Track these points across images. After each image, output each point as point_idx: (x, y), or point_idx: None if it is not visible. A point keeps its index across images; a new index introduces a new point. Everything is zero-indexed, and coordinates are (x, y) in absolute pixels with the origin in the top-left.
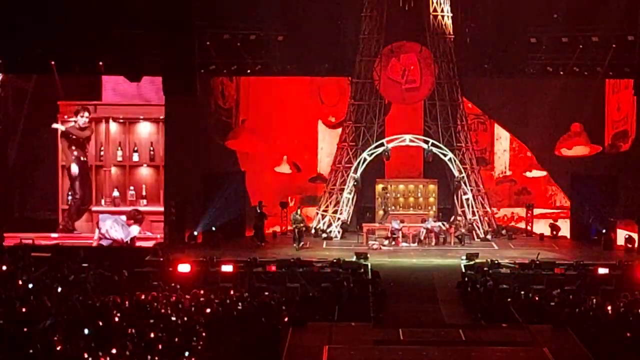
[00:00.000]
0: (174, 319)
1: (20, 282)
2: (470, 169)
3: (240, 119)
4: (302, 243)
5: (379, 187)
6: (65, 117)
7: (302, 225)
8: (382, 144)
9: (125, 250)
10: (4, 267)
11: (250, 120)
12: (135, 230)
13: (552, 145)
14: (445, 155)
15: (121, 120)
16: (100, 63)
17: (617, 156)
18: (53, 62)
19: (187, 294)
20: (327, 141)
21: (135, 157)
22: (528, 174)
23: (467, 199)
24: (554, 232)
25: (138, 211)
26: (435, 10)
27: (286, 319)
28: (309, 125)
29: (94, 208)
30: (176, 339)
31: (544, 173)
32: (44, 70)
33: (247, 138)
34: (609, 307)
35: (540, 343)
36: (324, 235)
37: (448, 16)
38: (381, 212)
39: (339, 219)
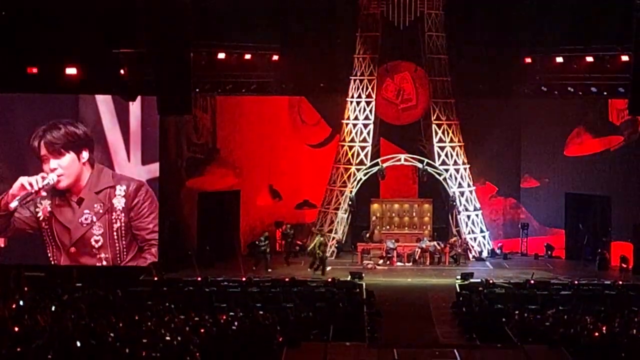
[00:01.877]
0: (168, 338)
1: (13, 302)
2: (465, 188)
3: (219, 152)
4: (327, 269)
5: (373, 206)
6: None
7: (324, 250)
8: (377, 164)
9: (119, 270)
10: None
11: (226, 149)
12: None
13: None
14: (440, 174)
15: None
16: (96, 82)
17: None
18: None
19: (180, 313)
20: (312, 164)
21: None
22: (523, 185)
23: (462, 219)
24: (549, 252)
25: None
26: (430, 30)
27: (280, 339)
28: (291, 148)
29: None
30: (169, 359)
31: (538, 184)
32: (38, 90)
33: (216, 173)
34: (604, 328)
35: None
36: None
37: (443, 36)
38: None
39: (333, 238)
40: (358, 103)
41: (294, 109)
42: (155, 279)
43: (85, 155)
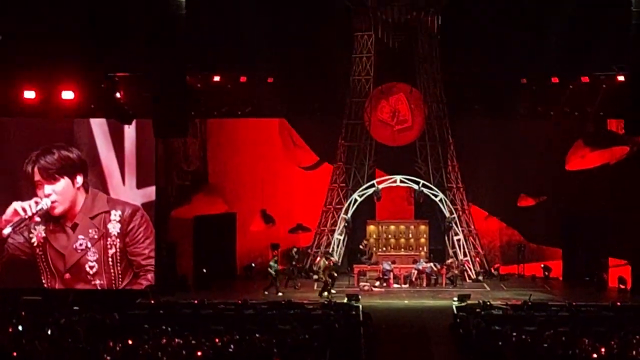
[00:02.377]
0: None
1: (11, 325)
2: (461, 210)
3: (209, 178)
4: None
5: (369, 227)
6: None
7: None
8: (372, 185)
9: (116, 293)
10: None
11: (217, 175)
12: None
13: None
14: (436, 196)
15: None
16: (92, 106)
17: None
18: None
19: (177, 336)
20: (304, 187)
21: None
22: (520, 204)
23: (458, 240)
24: (546, 273)
25: None
26: (424, 51)
27: None
28: (283, 171)
29: None
30: None
31: (534, 202)
32: (34, 114)
33: (206, 200)
34: (602, 349)
35: None
36: (315, 276)
37: (438, 57)
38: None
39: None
40: (354, 124)
41: (286, 132)
42: (152, 302)
43: (79, 180)
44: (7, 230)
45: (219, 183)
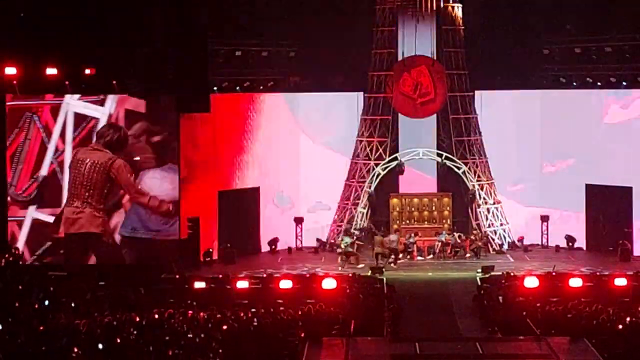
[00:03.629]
0: (190, 335)
1: (37, 300)
2: (484, 181)
3: (220, 157)
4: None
5: (393, 200)
6: None
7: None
8: (395, 158)
9: (141, 268)
10: (21, 286)
11: (229, 153)
12: None
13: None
14: (459, 168)
15: None
16: (114, 82)
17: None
18: (67, 82)
19: (203, 310)
20: (321, 163)
21: None
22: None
23: (482, 212)
24: (570, 244)
25: None
26: (446, 23)
27: (302, 334)
28: (299, 148)
29: None
30: (193, 356)
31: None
32: (58, 91)
33: (214, 181)
34: (627, 319)
35: (558, 355)
36: (339, 249)
37: (460, 29)
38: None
39: (353, 233)
40: (376, 98)
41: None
42: (177, 276)
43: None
44: None
45: (230, 161)
